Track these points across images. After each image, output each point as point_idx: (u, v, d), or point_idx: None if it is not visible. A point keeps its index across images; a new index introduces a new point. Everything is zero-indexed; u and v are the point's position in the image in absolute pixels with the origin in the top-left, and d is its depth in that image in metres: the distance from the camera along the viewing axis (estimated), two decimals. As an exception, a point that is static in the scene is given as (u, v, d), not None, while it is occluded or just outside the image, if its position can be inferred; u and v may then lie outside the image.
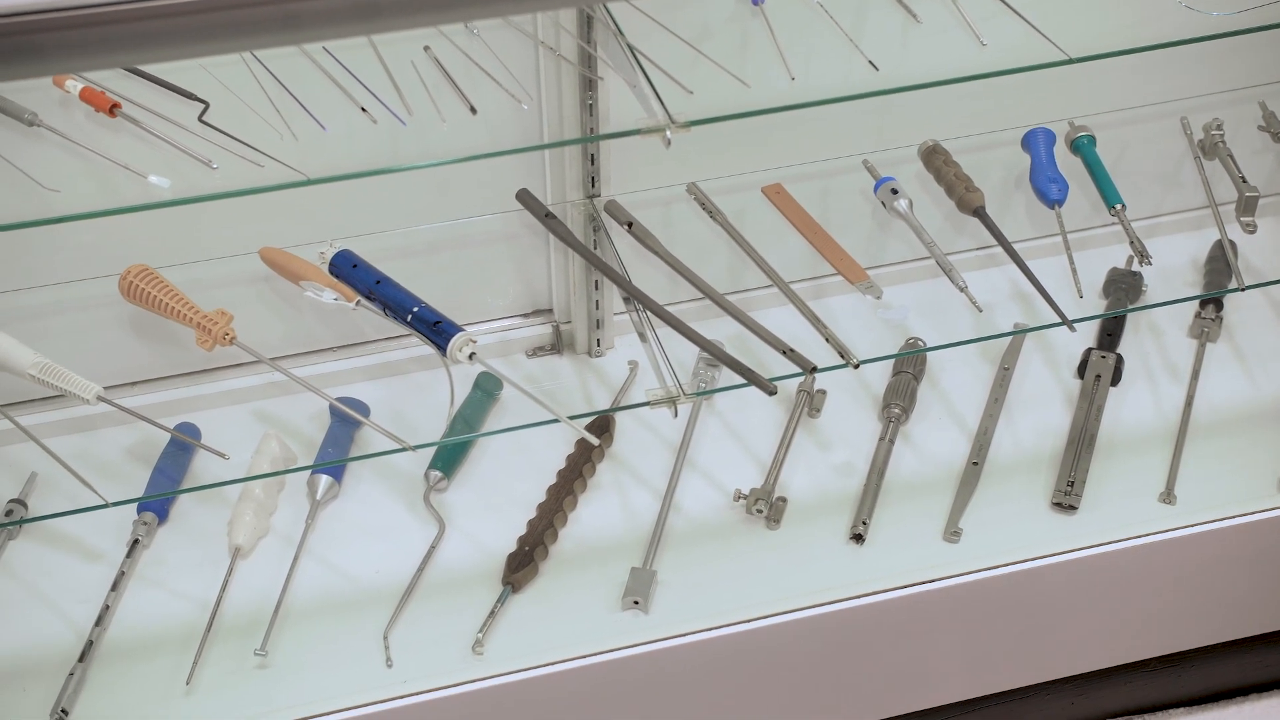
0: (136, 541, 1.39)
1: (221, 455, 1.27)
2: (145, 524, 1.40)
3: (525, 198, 1.43)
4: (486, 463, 1.49)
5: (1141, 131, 1.62)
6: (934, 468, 1.47)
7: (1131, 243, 1.42)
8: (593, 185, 1.48)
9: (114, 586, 1.35)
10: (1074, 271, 1.40)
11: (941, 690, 1.47)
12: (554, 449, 1.47)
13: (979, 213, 1.46)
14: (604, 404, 1.54)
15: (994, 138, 1.56)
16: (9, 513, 1.40)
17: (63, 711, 1.25)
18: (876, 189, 1.50)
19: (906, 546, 1.40)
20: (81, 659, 1.29)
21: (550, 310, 1.61)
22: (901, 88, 1.32)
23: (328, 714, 1.26)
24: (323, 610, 1.35)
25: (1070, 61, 1.31)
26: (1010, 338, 1.58)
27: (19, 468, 1.45)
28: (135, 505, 1.41)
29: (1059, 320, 1.36)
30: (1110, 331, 1.59)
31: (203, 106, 1.30)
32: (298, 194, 1.23)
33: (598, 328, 1.58)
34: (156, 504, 1.41)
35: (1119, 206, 1.45)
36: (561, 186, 1.48)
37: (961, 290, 1.39)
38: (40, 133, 1.28)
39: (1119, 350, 1.57)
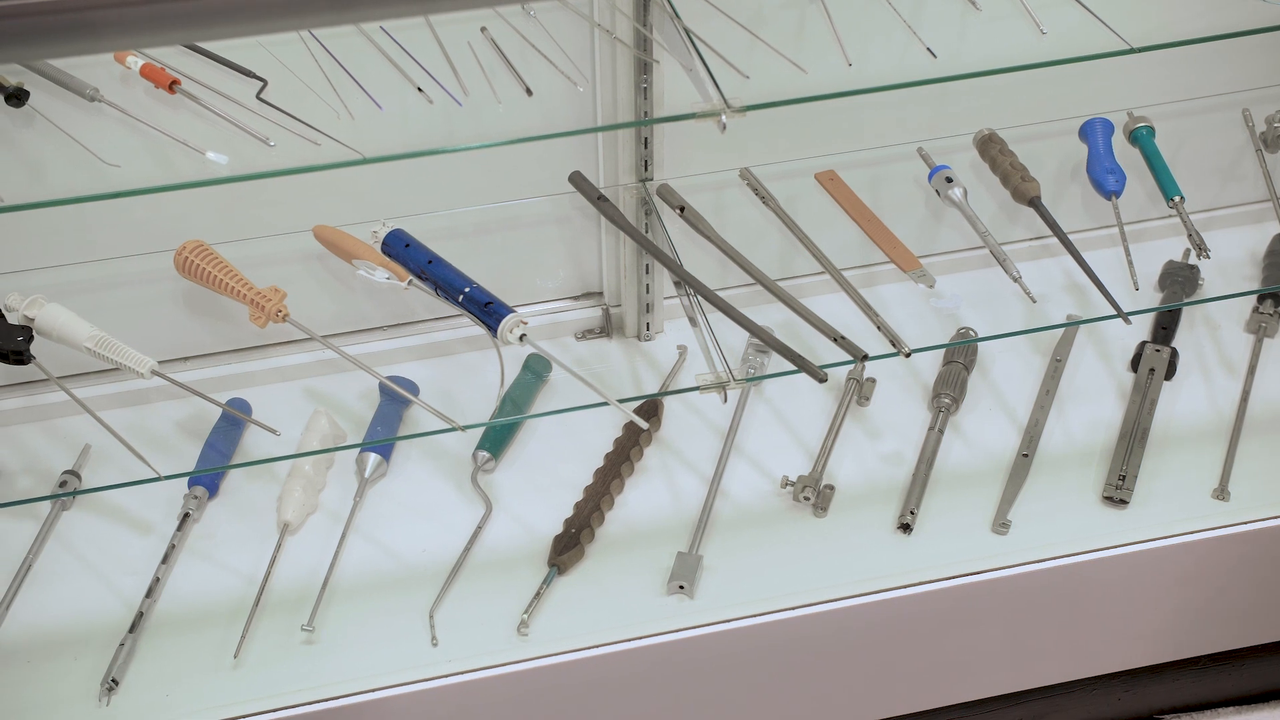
0: (187, 515, 1.40)
1: (272, 431, 1.28)
2: (196, 498, 1.41)
3: (578, 180, 1.43)
4: (534, 444, 1.49)
5: (1202, 123, 1.60)
6: (983, 459, 1.46)
7: (1190, 235, 1.41)
8: (645, 169, 1.47)
9: (164, 559, 1.36)
10: (1130, 263, 1.38)
11: (987, 682, 1.47)
12: (602, 432, 1.47)
13: (1034, 203, 1.44)
14: (652, 388, 1.54)
15: (1051, 127, 1.54)
16: (63, 484, 1.42)
17: (113, 681, 1.27)
18: (931, 177, 1.48)
19: (954, 537, 1.39)
20: (132, 630, 1.30)
21: (600, 293, 1.61)
22: (959, 75, 1.31)
23: (373, 691, 1.27)
24: (369, 588, 1.36)
25: (1132, 51, 1.29)
26: (1063, 329, 1.57)
27: (73, 439, 1.47)
28: (186, 479, 1.42)
29: (1113, 312, 1.35)
30: (1165, 325, 1.57)
31: (261, 84, 1.31)
32: (352, 173, 1.24)
33: (647, 311, 1.58)
34: (207, 478, 1.42)
35: (1177, 199, 1.44)
36: (614, 170, 1.48)
37: (1015, 280, 1.38)
38: (101, 108, 1.29)
39: (1174, 344, 1.55)
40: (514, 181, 1.48)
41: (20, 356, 1.25)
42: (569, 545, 1.37)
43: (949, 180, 1.47)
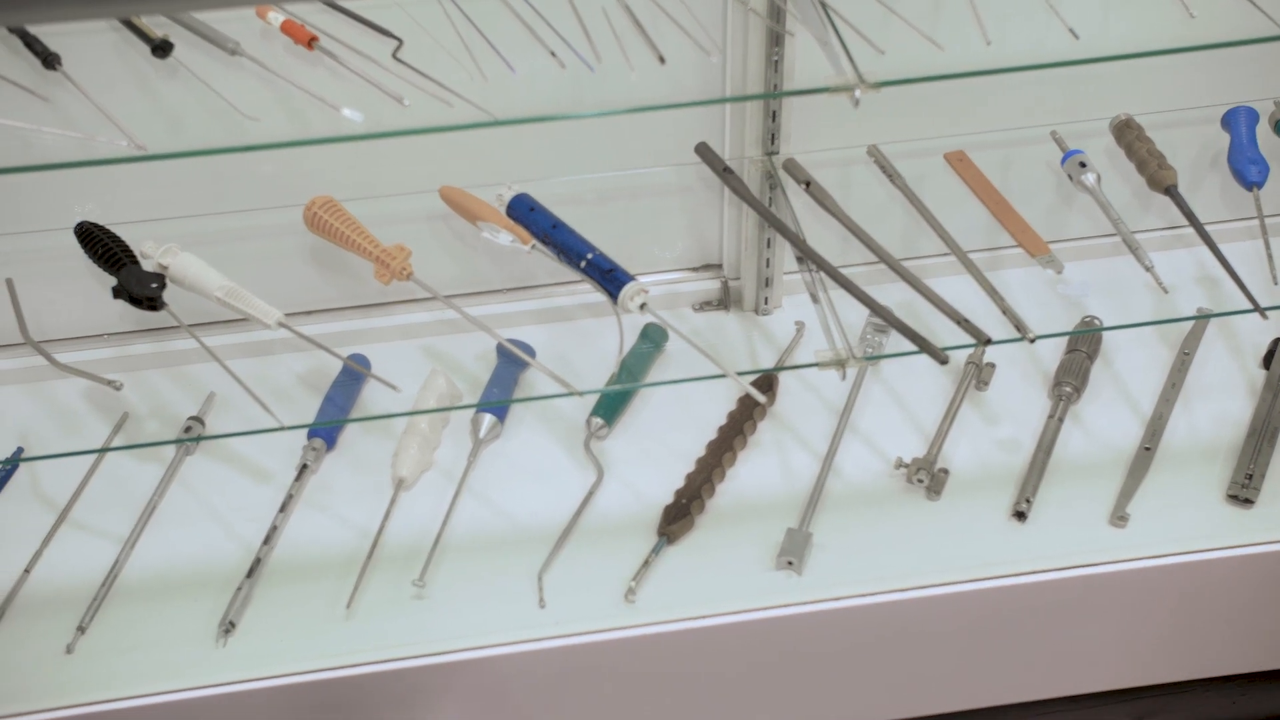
0: (305, 466, 1.43)
1: (393, 387, 1.29)
2: (314, 450, 1.44)
3: (704, 151, 1.43)
4: (648, 414, 1.49)
5: (1351, 115, 1.55)
6: (1103, 450, 1.43)
7: (1334, 230, 1.36)
8: (772, 142, 1.46)
9: (282, 508, 1.39)
10: (1269, 256, 1.35)
11: (1096, 677, 1.44)
12: (716, 404, 1.47)
13: (1170, 191, 1.41)
14: (768, 362, 1.53)
15: (1191, 114, 1.50)
16: (188, 429, 1.45)
17: (230, 624, 1.30)
18: (1064, 161, 1.45)
19: (1070, 528, 1.36)
20: (249, 575, 1.33)
21: (720, 265, 1.60)
22: (1101, 58, 1.28)
23: (480, 648, 1.29)
24: (480, 547, 1.37)
25: (1284, 37, 1.25)
26: (1193, 322, 1.53)
27: (198, 386, 1.50)
28: (306, 430, 1.44)
29: (1249, 306, 1.31)
30: (1301, 323, 1.52)
31: (397, 44, 1.32)
32: (479, 134, 1.24)
33: (766, 286, 1.57)
34: (326, 431, 1.45)
35: (1322, 192, 1.39)
36: (741, 142, 1.47)
37: (1148, 270, 1.35)
38: (241, 62, 1.32)
39: (1309, 343, 1.51)
40: (640, 149, 1.48)
41: (154, 303, 1.28)
42: (679, 515, 1.37)
43: (1082, 165, 1.44)
